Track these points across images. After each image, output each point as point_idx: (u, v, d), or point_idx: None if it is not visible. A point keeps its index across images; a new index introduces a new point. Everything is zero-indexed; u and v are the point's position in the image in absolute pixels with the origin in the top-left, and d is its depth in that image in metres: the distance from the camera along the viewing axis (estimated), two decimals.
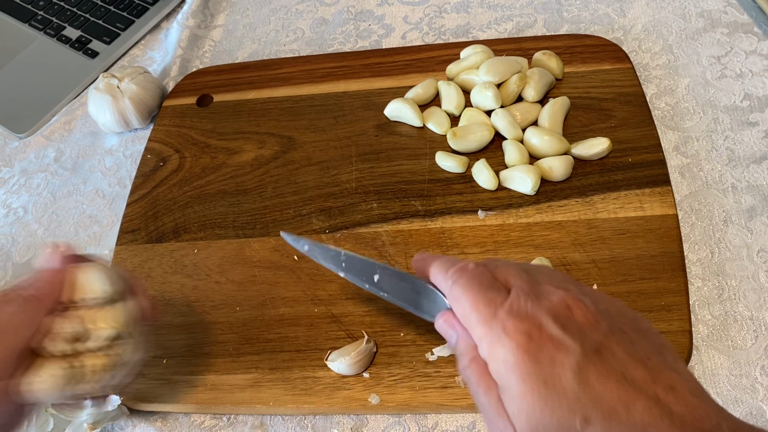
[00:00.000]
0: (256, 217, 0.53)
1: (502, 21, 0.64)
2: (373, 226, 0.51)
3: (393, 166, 0.54)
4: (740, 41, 0.58)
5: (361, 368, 0.44)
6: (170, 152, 0.59)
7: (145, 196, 0.56)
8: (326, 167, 0.55)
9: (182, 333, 0.48)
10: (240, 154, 0.57)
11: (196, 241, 0.53)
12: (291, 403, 0.44)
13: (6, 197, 0.61)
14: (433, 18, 0.66)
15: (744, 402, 0.42)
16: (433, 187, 0.52)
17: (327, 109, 0.59)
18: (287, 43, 0.68)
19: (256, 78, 0.63)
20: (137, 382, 0.46)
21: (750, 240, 0.47)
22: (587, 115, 0.54)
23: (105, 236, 0.57)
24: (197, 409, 0.46)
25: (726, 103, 0.55)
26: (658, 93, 0.56)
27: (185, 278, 0.51)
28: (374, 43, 0.65)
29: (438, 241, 0.49)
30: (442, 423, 0.44)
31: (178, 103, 0.62)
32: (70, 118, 0.66)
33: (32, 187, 0.62)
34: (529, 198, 0.50)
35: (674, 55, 0.58)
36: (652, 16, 0.61)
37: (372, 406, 0.43)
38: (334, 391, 0.44)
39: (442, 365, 0.44)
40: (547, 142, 0.50)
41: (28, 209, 0.60)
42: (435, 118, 0.55)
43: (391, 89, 0.59)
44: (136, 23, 0.71)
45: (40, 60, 0.71)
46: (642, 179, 0.49)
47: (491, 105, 0.53)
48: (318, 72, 0.62)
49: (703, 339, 0.44)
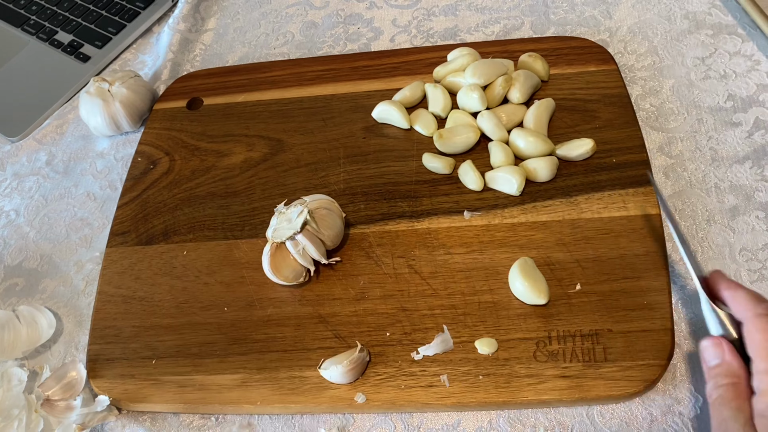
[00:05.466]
0: (245, 218, 0.54)
1: (489, 24, 0.65)
2: (360, 227, 0.51)
3: (380, 167, 0.54)
4: (724, 42, 0.59)
5: (353, 377, 0.44)
6: (160, 155, 0.59)
7: (136, 199, 0.57)
8: (314, 169, 0.56)
9: (171, 334, 0.49)
10: (229, 156, 0.58)
11: (185, 243, 0.53)
12: (278, 403, 0.45)
13: None
14: (421, 21, 0.66)
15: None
16: (420, 189, 0.53)
17: (316, 112, 0.59)
18: (277, 47, 0.68)
19: (245, 81, 0.63)
20: (126, 382, 0.47)
21: (732, 239, 0.48)
22: (572, 116, 0.54)
23: (96, 239, 0.57)
24: (186, 409, 0.46)
25: (710, 104, 0.55)
26: (643, 94, 0.57)
27: (174, 279, 0.51)
28: (363, 46, 0.66)
29: (424, 242, 0.50)
30: (428, 422, 0.44)
31: (169, 106, 0.63)
32: (62, 122, 0.66)
33: (24, 191, 0.62)
34: (514, 199, 0.50)
35: (659, 56, 0.59)
36: (637, 18, 0.62)
37: (358, 405, 0.44)
38: (320, 390, 0.44)
39: (427, 364, 0.44)
40: (532, 143, 0.51)
41: (20, 212, 0.60)
42: (422, 120, 0.55)
43: (379, 92, 0.59)
44: (128, 27, 0.72)
45: (33, 64, 0.72)
46: (626, 179, 0.50)
47: (477, 107, 0.54)
48: (307, 75, 0.62)
49: (685, 337, 0.45)
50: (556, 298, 0.45)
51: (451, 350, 0.44)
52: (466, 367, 0.44)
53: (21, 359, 0.51)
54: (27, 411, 0.47)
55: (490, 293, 0.46)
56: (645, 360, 0.42)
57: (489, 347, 0.44)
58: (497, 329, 0.45)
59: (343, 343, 0.46)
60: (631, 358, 0.42)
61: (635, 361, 0.42)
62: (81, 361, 0.49)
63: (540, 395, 0.42)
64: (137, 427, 0.47)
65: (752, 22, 0.59)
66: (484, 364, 0.44)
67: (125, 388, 0.47)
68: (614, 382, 0.42)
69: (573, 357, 0.43)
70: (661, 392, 0.43)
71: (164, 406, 0.46)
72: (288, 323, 0.48)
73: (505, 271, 0.47)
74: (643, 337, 0.43)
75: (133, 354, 0.48)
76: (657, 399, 0.42)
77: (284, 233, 0.47)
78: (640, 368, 0.42)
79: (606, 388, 0.42)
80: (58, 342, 0.52)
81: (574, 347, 0.43)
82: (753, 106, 0.54)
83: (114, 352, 0.49)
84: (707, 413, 0.41)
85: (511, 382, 0.43)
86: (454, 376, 0.43)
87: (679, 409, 0.42)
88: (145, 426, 0.47)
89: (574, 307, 0.45)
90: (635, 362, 0.42)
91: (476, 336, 0.45)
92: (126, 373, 0.47)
